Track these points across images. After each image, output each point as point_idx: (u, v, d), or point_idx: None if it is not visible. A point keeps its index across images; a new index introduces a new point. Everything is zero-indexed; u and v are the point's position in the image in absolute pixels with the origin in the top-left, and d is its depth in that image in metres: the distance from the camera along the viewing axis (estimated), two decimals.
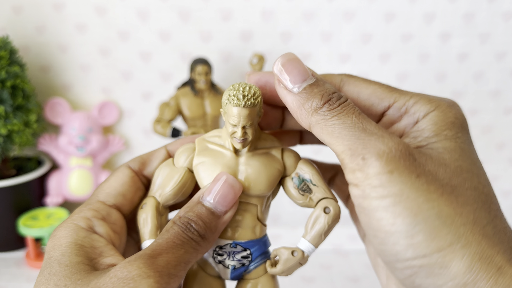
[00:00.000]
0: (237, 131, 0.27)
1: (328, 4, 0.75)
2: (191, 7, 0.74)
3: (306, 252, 0.28)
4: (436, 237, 0.21)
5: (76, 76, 0.77)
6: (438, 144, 0.24)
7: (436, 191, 0.22)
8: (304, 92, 0.25)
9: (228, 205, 0.27)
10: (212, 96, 0.70)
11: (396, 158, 0.22)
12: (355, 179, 0.23)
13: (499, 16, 0.77)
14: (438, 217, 0.21)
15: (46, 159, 0.77)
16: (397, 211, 0.21)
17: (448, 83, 0.81)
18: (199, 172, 0.29)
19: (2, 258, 0.68)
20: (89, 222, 0.27)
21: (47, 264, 0.24)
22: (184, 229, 0.25)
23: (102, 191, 0.29)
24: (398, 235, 0.22)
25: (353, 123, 0.23)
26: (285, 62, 0.25)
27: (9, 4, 0.73)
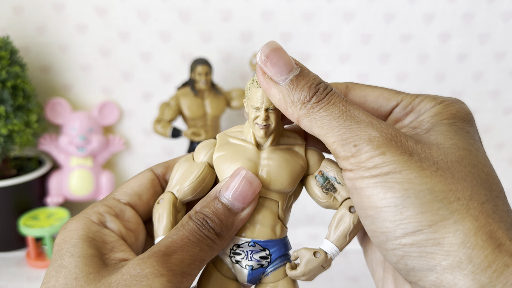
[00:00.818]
0: (259, 115, 0.26)
1: (328, 4, 0.75)
2: (191, 7, 0.74)
3: (330, 254, 0.27)
4: (426, 212, 0.20)
5: (76, 76, 0.77)
6: (432, 130, 0.24)
7: (430, 168, 0.21)
8: (290, 84, 0.24)
9: (246, 202, 0.26)
10: (212, 96, 0.71)
11: (387, 140, 0.22)
12: (349, 165, 0.23)
13: (498, 16, 0.77)
14: (430, 192, 0.21)
15: (46, 159, 0.77)
16: (387, 185, 0.21)
17: (448, 83, 0.81)
18: (219, 164, 0.28)
19: (3, 258, 0.68)
20: (101, 217, 0.26)
21: (57, 256, 0.24)
22: (200, 225, 0.24)
23: (119, 189, 0.29)
24: (388, 211, 0.21)
25: (341, 113, 0.23)
26: (269, 52, 0.25)
27: (9, 4, 0.73)
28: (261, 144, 0.28)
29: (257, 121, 0.27)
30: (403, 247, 0.21)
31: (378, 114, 0.28)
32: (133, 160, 0.82)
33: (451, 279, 0.20)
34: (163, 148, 0.81)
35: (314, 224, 0.78)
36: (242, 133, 0.29)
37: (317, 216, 0.80)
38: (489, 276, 0.19)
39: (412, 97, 0.27)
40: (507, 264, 0.19)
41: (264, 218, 0.27)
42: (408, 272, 0.22)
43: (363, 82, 0.79)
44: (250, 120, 0.27)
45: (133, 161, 0.82)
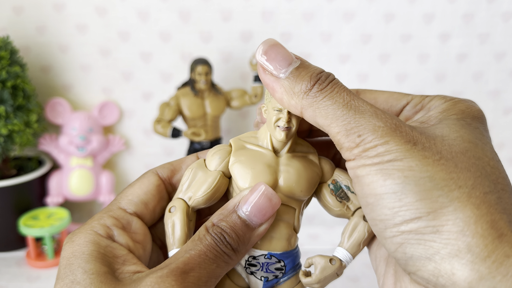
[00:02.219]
0: (282, 117, 0.26)
1: (328, 4, 0.75)
2: (191, 7, 0.74)
3: (344, 261, 0.27)
4: (426, 199, 0.20)
5: (76, 76, 0.77)
6: (439, 124, 0.23)
7: (432, 157, 0.21)
8: (291, 76, 0.24)
9: (264, 218, 0.25)
10: (212, 96, 0.71)
11: (392, 129, 0.22)
12: (353, 155, 0.23)
13: (498, 16, 0.77)
14: (431, 180, 0.20)
15: (46, 159, 0.77)
16: (387, 172, 0.21)
17: (448, 83, 0.81)
18: (236, 170, 0.27)
19: (3, 258, 0.68)
20: (109, 230, 0.26)
21: (68, 271, 0.23)
22: (218, 241, 0.24)
23: (125, 197, 0.28)
24: (387, 197, 0.21)
25: (345, 102, 0.23)
26: (267, 48, 0.24)
27: (9, 4, 0.73)
28: (278, 150, 0.28)
29: (278, 123, 0.26)
30: (402, 234, 0.21)
31: None
32: (133, 160, 0.82)
33: (449, 268, 0.20)
34: (163, 148, 0.81)
35: (314, 224, 0.78)
36: (257, 139, 0.28)
37: (317, 216, 0.80)
38: (489, 267, 0.19)
39: (422, 97, 0.27)
40: (508, 255, 0.19)
41: (280, 230, 0.27)
42: (407, 261, 0.22)
43: (363, 82, 0.79)
44: (270, 123, 0.27)
45: (133, 161, 0.82)
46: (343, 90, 0.23)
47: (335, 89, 0.23)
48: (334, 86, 0.23)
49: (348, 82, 0.87)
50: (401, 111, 0.28)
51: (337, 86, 0.24)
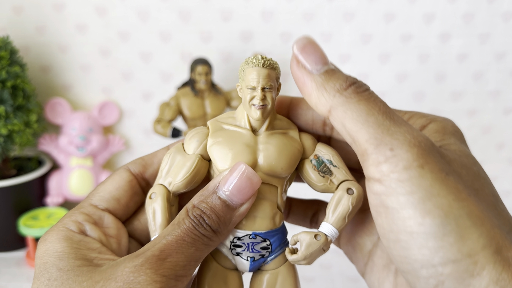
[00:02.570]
0: (256, 94, 0.26)
1: (328, 4, 0.75)
2: (191, 7, 0.74)
3: (330, 236, 0.27)
4: (468, 239, 0.19)
5: (76, 76, 0.77)
6: (453, 147, 0.23)
7: (464, 191, 0.20)
8: (326, 74, 0.23)
9: (244, 198, 0.25)
10: (212, 96, 0.71)
11: (426, 152, 0.20)
12: (379, 172, 0.21)
13: (498, 16, 0.77)
14: (469, 218, 0.19)
15: (46, 159, 0.77)
16: (426, 208, 0.19)
17: (448, 83, 0.81)
18: (214, 152, 0.27)
19: (3, 258, 0.68)
20: (81, 226, 0.26)
21: (43, 270, 0.23)
22: (196, 224, 0.24)
23: (96, 194, 0.28)
24: (426, 237, 0.20)
25: (381, 111, 0.22)
26: (306, 43, 0.24)
27: (9, 4, 0.73)
28: (257, 129, 0.27)
29: (253, 101, 0.26)
30: (439, 276, 0.20)
31: None
32: None
33: None
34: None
35: None
36: (235, 119, 0.28)
37: None
38: None
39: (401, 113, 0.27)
40: None
41: (263, 209, 0.27)
42: None
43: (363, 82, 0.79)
44: (245, 102, 0.26)
45: None
46: (380, 101, 0.22)
47: (372, 96, 0.22)
48: (371, 94, 0.23)
49: None
50: None
51: (373, 95, 0.23)
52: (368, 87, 0.23)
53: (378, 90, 0.87)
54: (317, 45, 0.24)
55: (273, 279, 0.28)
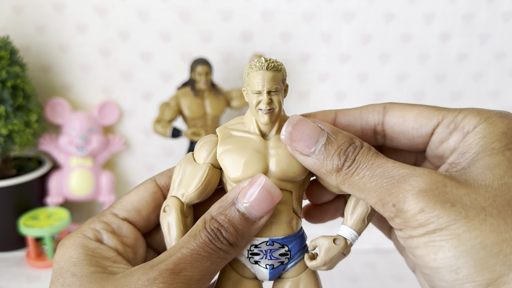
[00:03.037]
0: (262, 99, 0.25)
1: (328, 4, 0.75)
2: (191, 7, 0.74)
3: (349, 239, 0.26)
4: (483, 270, 0.19)
5: (76, 76, 0.77)
6: (480, 163, 0.22)
7: (477, 217, 0.20)
8: (321, 156, 0.24)
9: (263, 211, 0.25)
10: (212, 96, 0.71)
11: (423, 192, 0.21)
12: (397, 224, 0.22)
13: (498, 17, 0.77)
14: (483, 248, 0.19)
15: (46, 159, 0.77)
16: (437, 245, 0.20)
17: (448, 84, 0.81)
18: (224, 160, 0.26)
19: (3, 258, 0.68)
20: (98, 234, 0.26)
21: (58, 275, 0.23)
22: (213, 238, 0.23)
23: (119, 203, 0.28)
24: (443, 271, 0.20)
25: (372, 173, 0.23)
26: (292, 129, 0.24)
27: (9, 4, 0.73)
28: (266, 133, 0.27)
29: (260, 106, 0.25)
30: None
31: (419, 134, 0.27)
32: (133, 160, 0.82)
33: None
34: (163, 148, 0.81)
35: None
36: (244, 124, 0.27)
37: None
38: None
39: (455, 113, 0.25)
40: None
41: (279, 214, 0.26)
42: None
43: (363, 82, 0.79)
44: (252, 107, 0.26)
45: (133, 161, 0.82)
46: (369, 160, 0.23)
47: (360, 163, 0.23)
48: (359, 161, 0.23)
49: (348, 82, 0.87)
50: (433, 131, 0.26)
51: (362, 160, 0.23)
52: (356, 152, 0.24)
53: (378, 90, 0.87)
54: (304, 124, 0.25)
55: (295, 287, 0.27)
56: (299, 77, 0.79)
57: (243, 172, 0.26)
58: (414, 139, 0.27)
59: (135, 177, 0.82)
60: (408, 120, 0.27)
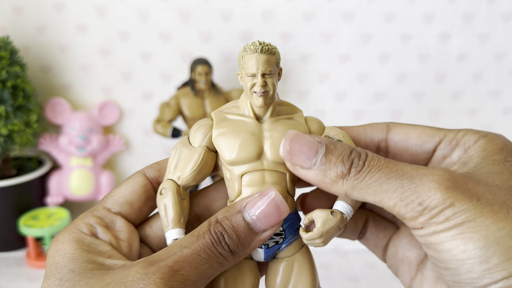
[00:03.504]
0: (256, 81, 0.25)
1: (328, 4, 0.75)
2: (191, 7, 0.74)
3: (345, 213, 0.26)
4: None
5: (76, 76, 0.77)
6: (485, 169, 0.23)
7: (501, 210, 0.21)
8: (322, 166, 0.24)
9: (269, 225, 0.25)
10: (213, 96, 0.71)
11: (450, 188, 0.21)
12: (419, 224, 0.22)
13: (498, 17, 0.77)
14: (511, 237, 0.20)
15: (46, 159, 0.77)
16: (466, 237, 0.21)
17: (448, 83, 0.81)
18: (220, 143, 0.26)
19: (3, 258, 0.68)
20: (92, 228, 0.26)
21: (54, 269, 0.23)
22: (215, 241, 0.24)
23: (110, 197, 0.28)
24: (472, 262, 0.21)
25: (388, 175, 0.23)
26: (290, 144, 0.24)
27: (9, 4, 0.73)
28: (261, 116, 0.27)
29: (254, 89, 0.26)
30: None
31: (422, 150, 0.28)
32: (133, 160, 0.82)
33: None
34: (163, 148, 0.81)
35: None
36: (239, 108, 0.28)
37: None
38: None
39: (455, 132, 0.28)
40: None
41: None
42: None
43: (363, 82, 0.80)
44: (246, 90, 0.26)
45: (133, 161, 0.82)
46: (382, 163, 0.23)
47: (372, 167, 0.23)
48: (371, 165, 0.23)
49: (348, 82, 0.87)
50: (435, 148, 0.28)
51: (373, 164, 0.23)
52: (364, 158, 0.23)
53: (378, 90, 0.87)
54: (300, 138, 0.24)
55: (289, 266, 0.27)
56: (299, 77, 0.79)
57: (238, 154, 0.26)
58: (417, 155, 0.29)
59: None
60: (411, 137, 0.28)
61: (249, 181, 0.26)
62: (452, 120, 0.83)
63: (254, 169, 0.26)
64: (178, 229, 0.26)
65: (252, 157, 0.26)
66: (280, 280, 0.27)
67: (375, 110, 0.81)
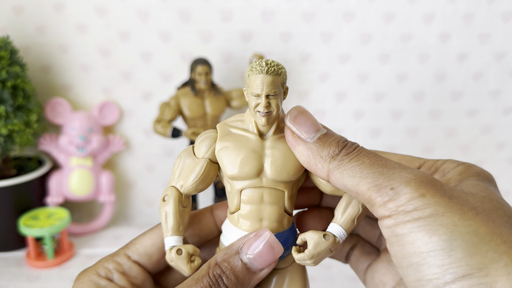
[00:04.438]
0: (260, 102, 0.26)
1: (328, 4, 0.75)
2: (191, 7, 0.74)
3: (338, 237, 0.27)
4: (476, 254, 0.20)
5: (76, 76, 0.77)
6: (462, 184, 0.24)
7: (471, 212, 0.21)
8: (318, 141, 0.25)
9: (265, 264, 0.26)
10: (212, 96, 0.71)
11: (425, 182, 0.22)
12: (387, 210, 0.22)
13: (498, 16, 0.77)
14: (476, 235, 0.20)
15: (46, 159, 0.77)
16: (432, 229, 0.21)
17: (448, 83, 0.81)
18: (222, 157, 0.27)
19: (3, 258, 0.68)
20: (110, 274, 0.28)
21: None
22: (213, 284, 0.25)
23: (133, 245, 0.30)
24: (435, 255, 0.20)
25: (372, 161, 0.24)
26: (298, 114, 0.26)
27: (9, 4, 0.73)
28: (264, 133, 0.28)
29: (258, 108, 0.26)
30: None
31: None
32: (133, 160, 0.82)
33: None
34: (163, 148, 0.81)
35: None
36: (243, 122, 0.28)
37: None
38: None
39: (434, 160, 0.29)
40: None
41: (271, 213, 0.27)
42: None
43: (363, 82, 0.79)
44: (251, 108, 0.27)
45: (133, 161, 0.82)
46: (369, 152, 0.25)
47: (361, 152, 0.24)
48: (360, 150, 0.25)
49: (348, 82, 0.87)
50: None
51: (363, 150, 0.25)
52: (357, 145, 0.25)
53: (378, 90, 0.87)
54: (308, 114, 0.26)
55: (282, 278, 0.28)
56: (299, 77, 0.79)
57: (239, 171, 0.27)
58: None
59: (135, 177, 0.82)
60: None
61: (247, 199, 0.27)
62: (452, 120, 0.83)
63: (254, 185, 0.27)
64: (176, 237, 0.28)
65: (252, 174, 0.27)
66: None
67: (375, 110, 0.81)
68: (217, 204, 0.33)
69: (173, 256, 0.27)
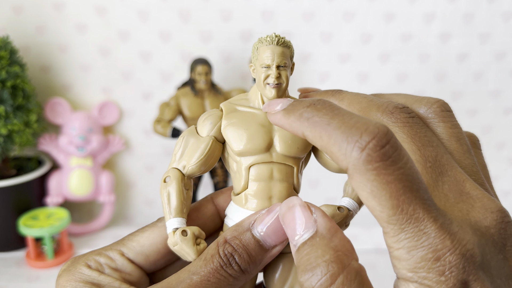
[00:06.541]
0: (271, 73, 0.25)
1: (328, 4, 0.75)
2: (191, 7, 0.74)
3: (352, 210, 0.26)
4: None
5: (76, 76, 0.77)
6: None
7: None
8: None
9: (278, 241, 0.24)
10: (212, 96, 0.70)
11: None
12: None
13: (499, 16, 0.77)
14: None
15: (46, 159, 0.77)
16: None
17: (448, 83, 0.81)
18: (228, 133, 0.26)
19: (2, 258, 0.68)
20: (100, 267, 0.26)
21: None
22: (225, 263, 0.23)
23: (130, 241, 0.27)
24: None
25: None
26: (282, 218, 0.23)
27: (9, 4, 0.73)
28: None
29: (268, 80, 0.25)
30: None
31: None
32: (133, 160, 0.82)
33: None
34: (163, 148, 0.81)
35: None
36: (248, 100, 0.28)
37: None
38: None
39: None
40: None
41: (280, 190, 0.26)
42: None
43: (363, 82, 0.79)
44: (259, 81, 0.26)
45: (133, 161, 0.82)
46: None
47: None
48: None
49: (348, 82, 0.87)
50: None
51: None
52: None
53: (378, 90, 0.87)
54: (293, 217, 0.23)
55: (289, 262, 0.27)
56: (299, 77, 0.79)
57: (247, 145, 0.26)
58: None
59: (135, 177, 0.82)
60: None
61: (257, 175, 0.26)
62: None
63: (262, 160, 0.26)
64: (179, 219, 0.26)
65: (261, 148, 0.26)
66: (279, 276, 0.27)
67: None
68: (216, 192, 0.30)
69: (178, 238, 0.25)
